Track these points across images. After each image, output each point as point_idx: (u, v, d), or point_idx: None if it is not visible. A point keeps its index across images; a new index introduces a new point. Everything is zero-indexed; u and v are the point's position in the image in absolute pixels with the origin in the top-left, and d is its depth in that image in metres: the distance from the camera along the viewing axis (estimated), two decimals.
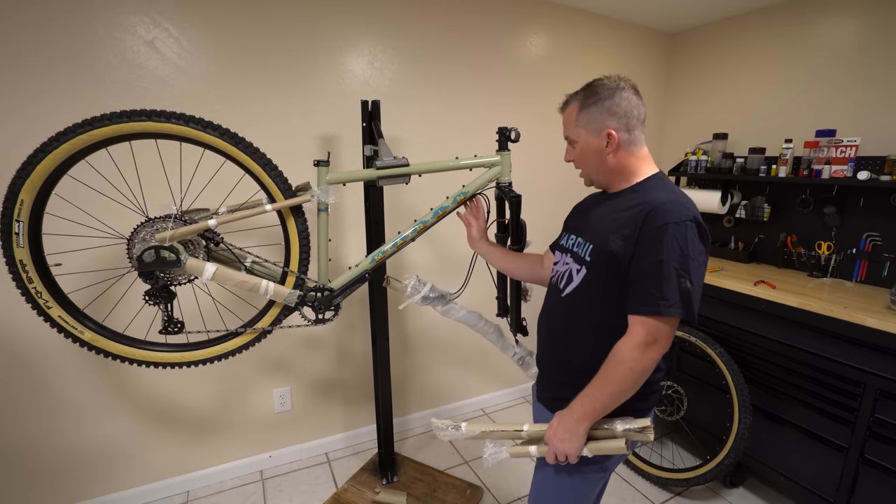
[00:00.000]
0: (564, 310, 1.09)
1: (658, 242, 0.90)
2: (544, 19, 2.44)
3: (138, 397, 1.89)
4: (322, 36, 1.93)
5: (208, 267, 1.24)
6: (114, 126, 1.12)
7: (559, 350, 1.13)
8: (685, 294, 0.90)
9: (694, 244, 0.91)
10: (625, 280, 0.96)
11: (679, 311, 0.90)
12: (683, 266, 0.90)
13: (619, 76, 1.03)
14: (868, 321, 1.61)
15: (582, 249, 1.06)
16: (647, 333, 0.92)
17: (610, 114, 1.00)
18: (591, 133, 1.03)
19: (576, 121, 1.04)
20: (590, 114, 1.02)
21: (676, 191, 1.00)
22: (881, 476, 1.60)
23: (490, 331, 1.66)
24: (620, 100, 1.00)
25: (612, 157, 1.03)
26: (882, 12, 2.00)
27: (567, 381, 1.09)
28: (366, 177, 1.47)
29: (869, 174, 1.91)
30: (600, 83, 1.02)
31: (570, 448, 0.99)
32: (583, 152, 1.06)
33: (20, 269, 1.16)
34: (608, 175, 1.07)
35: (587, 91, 1.03)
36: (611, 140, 1.01)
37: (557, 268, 1.16)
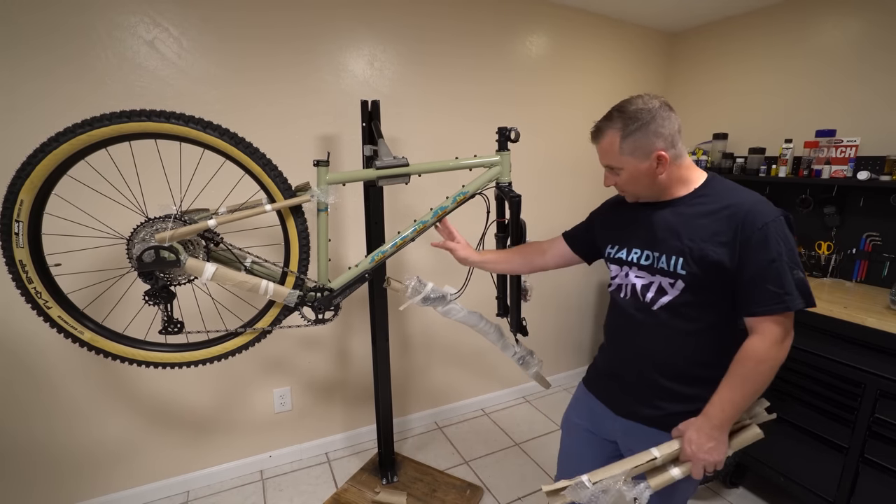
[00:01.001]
0: (660, 322, 1.06)
1: (764, 243, 0.93)
2: (544, 19, 2.44)
3: (138, 397, 1.89)
4: (322, 36, 1.92)
5: (208, 267, 1.24)
6: (113, 126, 1.12)
7: (654, 361, 1.09)
8: (801, 284, 0.94)
9: (790, 236, 0.96)
10: (731, 285, 0.98)
11: (802, 301, 0.93)
12: (792, 259, 0.94)
13: (649, 95, 1.02)
14: (868, 321, 1.61)
15: (667, 263, 1.04)
16: (781, 330, 0.95)
17: (656, 136, 0.99)
18: (639, 159, 1.01)
19: (620, 150, 1.02)
20: (635, 140, 1.00)
21: (749, 190, 1.02)
22: (881, 476, 1.60)
23: (490, 331, 1.66)
24: (662, 120, 0.99)
25: (664, 175, 1.03)
26: (882, 12, 2.00)
27: (676, 391, 1.07)
28: (365, 177, 1.47)
29: (869, 174, 1.90)
30: (637, 108, 1.00)
31: (718, 456, 0.99)
32: (632, 177, 1.05)
33: (20, 270, 1.16)
34: (660, 190, 1.06)
35: (625, 118, 1.01)
36: (661, 161, 1.00)
37: (626, 281, 1.13)
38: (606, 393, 1.21)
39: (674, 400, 1.07)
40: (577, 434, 1.30)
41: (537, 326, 2.74)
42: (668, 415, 1.08)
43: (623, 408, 1.16)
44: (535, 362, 1.73)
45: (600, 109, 2.85)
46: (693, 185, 1.05)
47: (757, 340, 0.96)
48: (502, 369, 2.79)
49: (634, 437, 1.13)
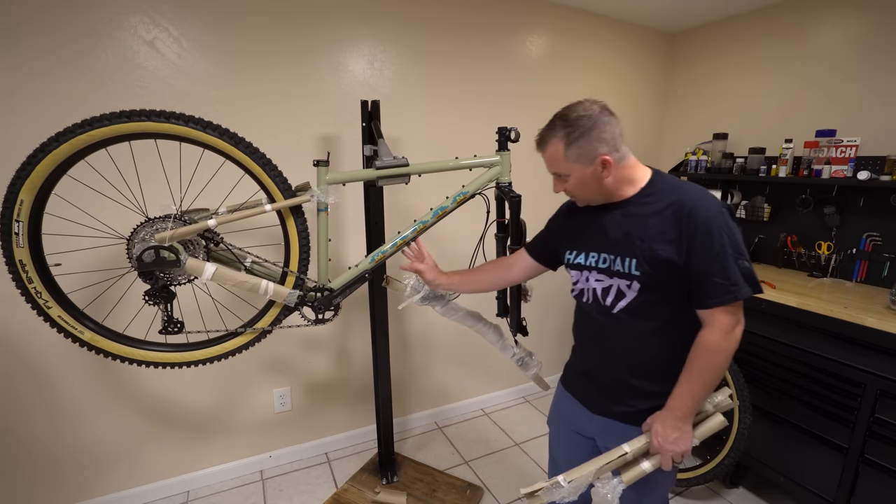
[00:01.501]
0: (622, 324, 1.09)
1: (708, 237, 0.96)
2: (544, 19, 2.44)
3: (138, 397, 1.89)
4: (322, 36, 1.93)
5: (208, 267, 1.24)
6: (113, 126, 1.12)
7: (622, 363, 1.12)
8: (747, 273, 0.97)
9: (733, 226, 0.98)
10: (684, 280, 1.00)
11: (748, 289, 0.96)
12: (736, 249, 0.96)
13: (590, 101, 1.05)
14: (868, 321, 1.61)
15: (622, 265, 1.06)
16: (731, 319, 0.99)
17: (599, 142, 1.01)
18: (584, 164, 1.03)
19: (565, 157, 1.04)
20: (579, 147, 1.02)
21: (691, 185, 1.04)
22: (881, 476, 1.60)
23: (489, 331, 1.66)
24: (604, 125, 1.01)
25: (610, 178, 1.04)
26: (882, 12, 2.00)
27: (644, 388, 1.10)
28: (365, 177, 1.47)
29: (869, 174, 1.90)
30: (578, 115, 1.02)
31: (684, 445, 1.03)
32: (579, 183, 1.07)
33: (20, 269, 1.16)
34: (609, 193, 1.08)
35: (567, 125, 1.02)
36: (606, 165, 1.02)
37: (585, 285, 1.15)
38: (582, 392, 1.24)
39: (645, 398, 1.11)
40: (560, 433, 1.34)
41: (538, 327, 2.74)
42: (640, 411, 1.11)
43: (598, 406, 1.19)
44: (535, 364, 1.73)
45: None
46: (640, 185, 1.07)
47: (709, 332, 1.00)
48: (502, 369, 2.79)
49: (610, 434, 1.16)
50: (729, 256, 0.95)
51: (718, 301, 0.97)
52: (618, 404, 1.14)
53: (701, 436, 1.07)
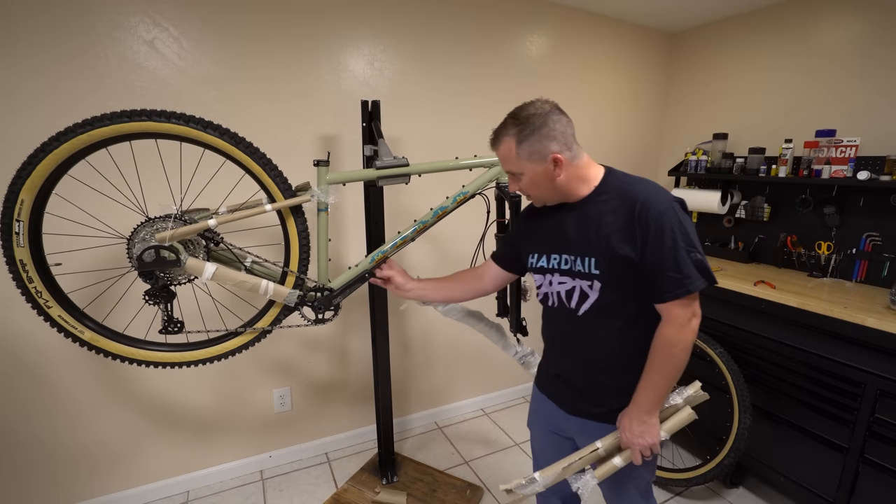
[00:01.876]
0: (588, 325, 1.10)
1: (659, 231, 0.97)
2: (544, 19, 2.44)
3: (138, 397, 1.89)
4: (322, 36, 1.93)
5: (208, 267, 1.24)
6: (114, 126, 1.12)
7: (593, 363, 1.13)
8: (699, 265, 0.98)
9: (685, 219, 0.99)
10: (642, 276, 1.01)
11: (703, 281, 0.98)
12: (688, 242, 0.97)
13: (541, 100, 1.05)
14: (868, 321, 1.61)
15: (582, 265, 1.07)
16: (684, 312, 1.00)
17: (549, 139, 1.02)
18: (535, 162, 1.04)
19: (517, 155, 1.05)
20: (531, 144, 1.03)
21: (641, 179, 1.06)
22: (881, 476, 1.60)
23: (491, 331, 1.66)
24: (554, 123, 1.02)
25: (562, 176, 1.05)
26: (882, 13, 2.00)
27: (616, 386, 1.12)
28: (366, 177, 1.47)
29: (869, 174, 1.90)
30: (529, 113, 1.03)
31: (651, 439, 1.05)
32: (532, 181, 1.07)
33: (20, 269, 1.16)
34: (562, 192, 1.08)
35: (518, 123, 1.03)
36: (558, 163, 1.03)
37: (550, 289, 1.15)
38: (556, 393, 1.24)
39: (619, 395, 1.11)
40: (540, 435, 1.34)
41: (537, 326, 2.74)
42: (615, 410, 1.12)
43: (573, 407, 1.19)
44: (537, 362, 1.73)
45: (601, 109, 2.85)
46: (594, 184, 1.08)
47: (665, 326, 1.02)
48: (502, 369, 2.79)
49: (588, 434, 1.17)
50: (681, 250, 0.97)
51: (673, 295, 0.98)
52: (593, 405, 1.15)
53: (670, 429, 1.08)
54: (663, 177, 3.05)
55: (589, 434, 1.16)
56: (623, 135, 2.89)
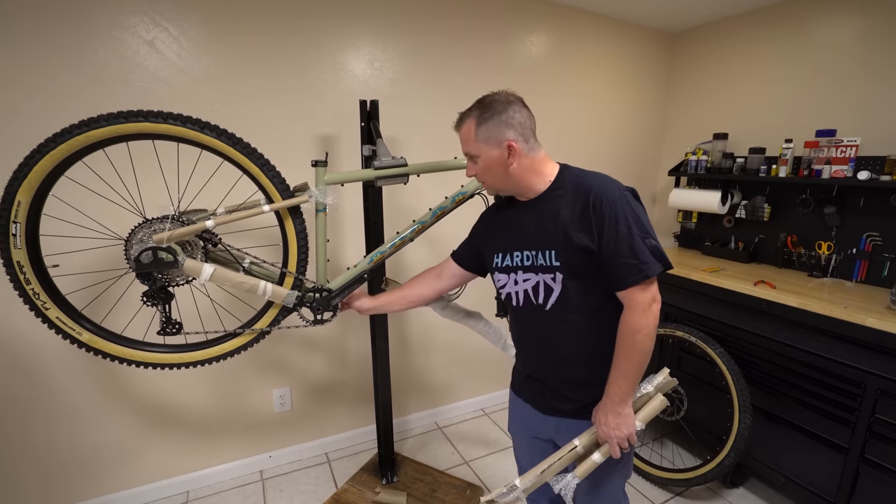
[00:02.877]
0: (557, 320, 1.10)
1: (614, 220, 0.99)
2: (544, 19, 2.43)
3: (138, 398, 1.89)
4: (321, 36, 1.92)
5: (206, 268, 1.24)
6: (111, 127, 1.12)
7: (567, 359, 1.13)
8: (655, 250, 1.00)
9: (637, 207, 1.03)
10: (600, 265, 1.03)
11: (659, 265, 1.00)
12: (642, 229, 1.00)
13: (507, 91, 1.10)
14: (868, 321, 1.60)
15: (544, 259, 1.08)
16: (643, 297, 1.01)
17: (507, 126, 1.05)
18: (491, 146, 1.06)
19: (475, 136, 1.07)
20: (488, 128, 1.06)
21: (594, 173, 1.09)
22: (881, 476, 1.59)
23: (489, 331, 1.66)
24: (514, 112, 1.06)
25: (516, 165, 1.07)
26: (882, 12, 1.99)
27: (587, 379, 1.13)
28: (364, 177, 1.47)
29: (869, 174, 1.90)
30: (492, 99, 1.07)
31: (627, 430, 1.05)
32: (486, 165, 1.09)
33: (17, 271, 1.16)
34: (515, 183, 1.10)
35: (481, 108, 1.07)
36: (512, 151, 1.06)
37: (516, 288, 1.15)
38: (531, 395, 1.24)
39: (590, 388, 1.12)
40: (521, 439, 1.34)
41: None
42: (588, 404, 1.13)
43: (548, 407, 1.20)
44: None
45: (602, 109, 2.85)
46: (549, 179, 1.10)
47: (628, 313, 1.03)
48: (502, 369, 2.79)
49: (565, 432, 1.17)
50: (636, 237, 0.99)
51: (632, 280, 0.99)
52: (566, 401, 1.16)
53: (644, 418, 1.09)
54: (663, 177, 3.05)
55: (566, 432, 1.16)
56: (623, 134, 2.88)
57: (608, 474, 1.17)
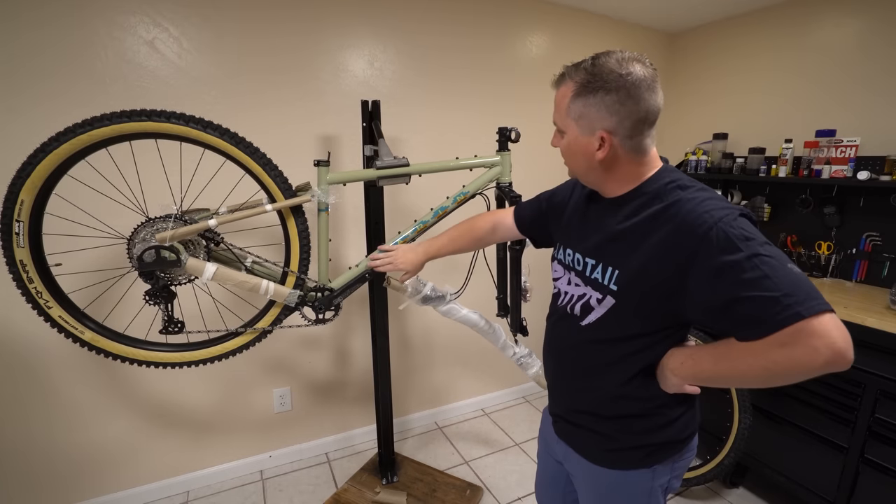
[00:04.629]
0: (585, 340, 0.92)
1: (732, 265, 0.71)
2: (544, 19, 2.44)
3: (138, 397, 1.89)
4: (322, 36, 1.93)
5: (208, 267, 1.24)
6: (114, 126, 1.12)
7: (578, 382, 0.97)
8: (803, 282, 0.70)
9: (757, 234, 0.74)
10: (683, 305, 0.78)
11: (822, 302, 0.69)
12: (780, 259, 0.71)
13: (633, 57, 0.78)
14: (868, 321, 1.61)
15: (601, 275, 0.87)
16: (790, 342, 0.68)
17: (609, 112, 0.78)
18: (582, 130, 0.82)
19: (567, 108, 0.83)
20: (585, 105, 0.80)
21: (697, 187, 0.81)
22: (881, 476, 1.60)
23: (490, 331, 1.66)
24: (627, 97, 0.77)
25: (605, 163, 0.84)
26: (883, 13, 2.00)
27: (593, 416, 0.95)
28: (366, 177, 1.47)
29: (869, 174, 1.90)
30: (609, 69, 0.77)
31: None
32: (569, 148, 0.87)
33: (20, 269, 1.16)
34: (597, 180, 0.89)
35: (590, 72, 0.79)
36: (603, 144, 0.81)
37: (564, 287, 0.98)
38: (550, 408, 1.11)
39: (591, 430, 0.96)
40: (541, 452, 1.20)
41: (538, 327, 2.74)
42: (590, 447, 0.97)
43: (560, 428, 1.05)
44: (535, 363, 1.73)
45: None
46: (640, 180, 0.85)
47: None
48: (502, 369, 2.79)
49: (571, 462, 1.03)
50: (785, 272, 0.70)
51: (770, 329, 0.68)
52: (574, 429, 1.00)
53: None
54: None
55: (571, 463, 1.02)
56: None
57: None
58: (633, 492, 0.95)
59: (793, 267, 0.70)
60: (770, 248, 0.71)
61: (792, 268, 0.69)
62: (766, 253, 0.70)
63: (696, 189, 0.81)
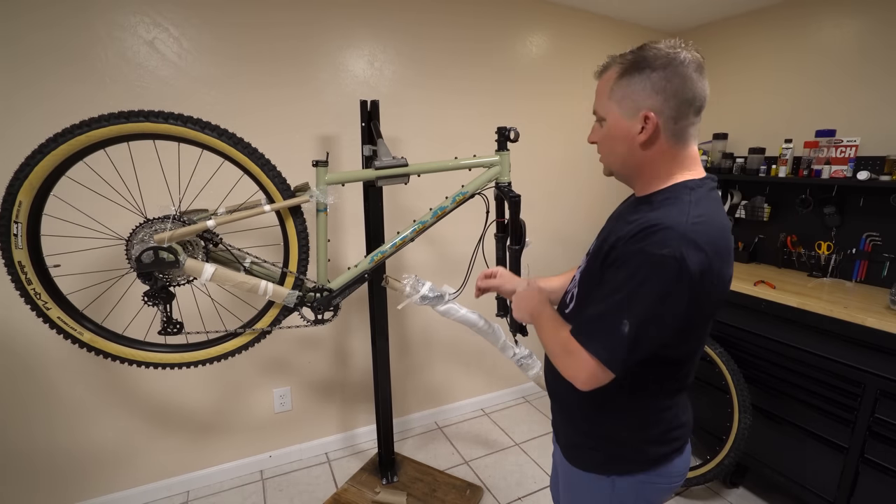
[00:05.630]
0: None
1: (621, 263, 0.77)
2: (545, 19, 2.43)
3: (138, 397, 1.89)
4: (322, 36, 1.92)
5: (207, 268, 1.24)
6: (112, 127, 1.12)
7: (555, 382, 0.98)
8: (606, 330, 0.77)
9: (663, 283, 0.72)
10: None
11: (598, 351, 0.77)
12: (631, 299, 0.74)
13: (682, 44, 0.77)
14: (868, 321, 1.61)
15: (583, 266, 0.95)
16: (580, 362, 0.80)
17: (655, 89, 0.75)
18: (624, 112, 0.79)
19: (610, 91, 0.80)
20: (630, 84, 0.77)
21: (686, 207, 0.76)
22: (881, 476, 1.60)
23: (489, 331, 1.66)
24: (674, 75, 0.74)
25: (646, 149, 0.79)
26: (882, 13, 2.00)
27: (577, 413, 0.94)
28: (365, 177, 1.47)
29: (869, 174, 1.90)
30: (655, 53, 0.76)
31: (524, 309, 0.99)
32: (609, 134, 0.83)
33: (19, 271, 1.16)
34: (633, 171, 0.84)
35: (635, 55, 0.78)
36: (647, 124, 0.77)
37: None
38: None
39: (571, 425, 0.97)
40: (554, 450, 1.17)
41: None
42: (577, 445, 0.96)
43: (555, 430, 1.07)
44: (535, 364, 1.73)
45: None
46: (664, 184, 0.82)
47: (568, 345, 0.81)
48: (502, 369, 2.79)
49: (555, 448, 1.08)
50: (612, 303, 0.75)
51: (573, 329, 0.81)
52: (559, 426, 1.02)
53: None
54: None
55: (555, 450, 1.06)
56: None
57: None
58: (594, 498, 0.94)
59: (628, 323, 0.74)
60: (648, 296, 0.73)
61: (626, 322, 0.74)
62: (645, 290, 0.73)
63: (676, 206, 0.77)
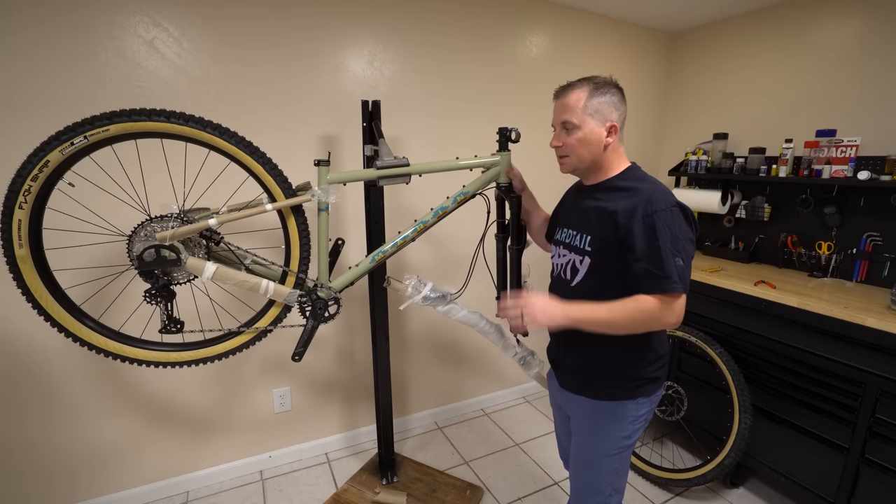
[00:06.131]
0: (576, 296, 1.12)
1: (652, 229, 1.03)
2: (545, 19, 2.44)
3: (138, 397, 1.89)
4: (322, 36, 1.92)
5: (208, 266, 1.24)
6: (114, 125, 1.12)
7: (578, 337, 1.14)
8: (681, 271, 1.03)
9: (680, 225, 1.05)
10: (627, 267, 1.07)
11: (678, 286, 1.02)
12: (676, 245, 1.03)
13: (614, 80, 1.14)
14: (868, 321, 1.61)
15: (579, 241, 1.17)
16: (667, 306, 1.03)
17: (614, 108, 1.11)
18: (597, 122, 1.11)
19: (584, 107, 1.10)
20: (601, 104, 1.10)
21: (653, 180, 1.13)
22: (882, 476, 1.60)
23: (491, 331, 1.66)
24: (620, 100, 1.12)
25: (609, 149, 1.14)
26: (882, 12, 2.00)
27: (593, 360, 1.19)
28: (366, 177, 1.47)
29: (869, 174, 1.90)
30: (606, 81, 1.12)
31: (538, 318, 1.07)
32: (585, 139, 1.12)
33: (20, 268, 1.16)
34: (600, 163, 1.16)
35: (595, 83, 1.11)
36: (611, 133, 1.11)
37: (556, 260, 1.27)
38: (555, 367, 1.34)
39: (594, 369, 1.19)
40: (555, 412, 1.47)
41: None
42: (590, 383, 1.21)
43: (562, 379, 1.30)
44: (537, 363, 1.73)
45: None
46: (614, 172, 1.17)
47: (650, 298, 1.04)
48: (502, 369, 2.79)
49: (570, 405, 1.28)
50: (668, 251, 1.02)
51: (650, 289, 1.03)
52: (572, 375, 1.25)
53: None
54: (664, 177, 3.05)
55: (570, 405, 1.28)
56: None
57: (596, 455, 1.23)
58: (621, 415, 1.20)
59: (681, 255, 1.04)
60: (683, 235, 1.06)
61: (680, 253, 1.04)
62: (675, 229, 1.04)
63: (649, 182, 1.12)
